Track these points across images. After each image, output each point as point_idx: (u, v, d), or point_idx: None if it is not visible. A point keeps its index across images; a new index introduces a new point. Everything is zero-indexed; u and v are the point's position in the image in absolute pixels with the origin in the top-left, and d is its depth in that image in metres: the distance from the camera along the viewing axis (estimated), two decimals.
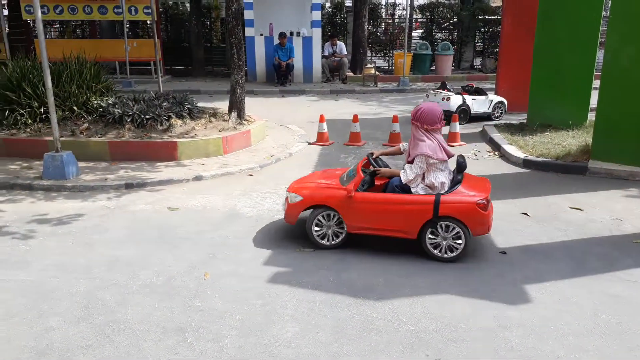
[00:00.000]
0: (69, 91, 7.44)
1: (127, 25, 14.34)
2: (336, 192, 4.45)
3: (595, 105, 6.97)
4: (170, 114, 7.45)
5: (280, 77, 14.27)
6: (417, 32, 19.40)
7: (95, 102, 7.52)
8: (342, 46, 15.59)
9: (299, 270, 4.15)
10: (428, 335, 3.31)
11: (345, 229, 4.46)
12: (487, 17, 17.53)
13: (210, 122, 7.85)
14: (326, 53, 15.37)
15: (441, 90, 9.84)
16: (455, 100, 9.53)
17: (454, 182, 4.37)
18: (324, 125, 8.36)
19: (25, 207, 5.50)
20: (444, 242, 4.27)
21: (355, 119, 8.38)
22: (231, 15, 8.06)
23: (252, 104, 10.27)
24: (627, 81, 6.48)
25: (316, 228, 4.51)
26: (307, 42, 14.77)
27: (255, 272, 4.11)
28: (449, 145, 8.06)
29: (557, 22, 8.32)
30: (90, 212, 5.37)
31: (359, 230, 4.45)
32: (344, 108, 11.61)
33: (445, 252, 4.29)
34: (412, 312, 3.56)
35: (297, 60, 14.64)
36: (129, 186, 6.06)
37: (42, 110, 7.22)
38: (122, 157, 6.95)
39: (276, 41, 14.27)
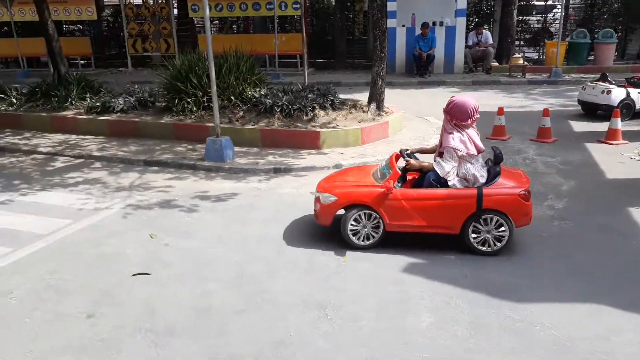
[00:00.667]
0: (227, 82, 8.21)
1: (277, 21, 15.22)
2: (372, 190, 4.34)
3: None
4: (315, 105, 7.84)
5: (419, 68, 14.07)
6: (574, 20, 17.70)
7: (249, 92, 8.20)
8: (487, 35, 14.85)
9: (435, 263, 4.16)
10: (574, 343, 3.13)
11: (383, 228, 4.32)
12: None
13: (350, 113, 8.09)
14: (470, 42, 14.77)
15: (600, 83, 8.93)
16: (617, 94, 8.58)
17: (493, 175, 4.29)
18: None
19: (189, 185, 6.25)
20: (489, 235, 4.20)
21: (501, 111, 8.00)
22: (376, 7, 8.18)
23: (390, 96, 10.29)
24: None
25: (352, 227, 4.36)
26: (450, 31, 14.33)
27: (391, 261, 4.21)
28: (608, 143, 7.35)
29: None
30: (244, 192, 5.93)
31: (398, 228, 4.33)
32: (486, 100, 11.10)
33: (490, 246, 4.21)
34: (557, 318, 3.38)
35: (438, 51, 14.29)
36: (277, 170, 6.55)
37: (205, 99, 8.07)
38: (272, 144, 7.51)
39: (417, 32, 14.08)
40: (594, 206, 5.27)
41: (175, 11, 16.42)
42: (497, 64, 15.15)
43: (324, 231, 4.81)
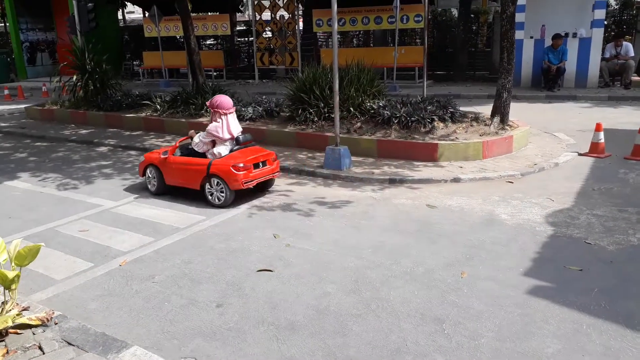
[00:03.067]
0: (348, 94, 8.44)
1: (398, 34, 15.32)
2: (160, 156, 6.35)
3: None
4: (434, 117, 7.76)
5: (548, 82, 13.25)
6: None
7: (368, 104, 8.35)
8: (628, 47, 13.54)
9: (564, 287, 3.90)
10: None
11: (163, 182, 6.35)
12: None
13: (471, 125, 7.88)
14: (607, 55, 13.58)
15: None
16: None
17: (229, 151, 6.04)
18: (601, 134, 7.48)
19: (308, 190, 6.52)
20: (215, 193, 5.93)
21: None
22: (505, 19, 7.89)
23: (515, 109, 9.80)
24: None
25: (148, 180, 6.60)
26: (584, 43, 13.31)
27: (514, 281, 4.03)
28: None
29: None
30: (359, 200, 6.05)
31: (173, 183, 6.28)
32: (625, 117, 10.13)
33: (215, 200, 5.94)
34: None
35: (570, 64, 13.34)
36: (392, 181, 6.58)
37: (325, 110, 8.37)
38: (387, 155, 7.57)
39: (547, 43, 13.28)
40: None
41: (301, 25, 17.23)
42: (638, 78, 13.76)
43: (441, 245, 4.74)
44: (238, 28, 21.86)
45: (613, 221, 5.11)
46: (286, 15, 16.73)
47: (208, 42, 22.16)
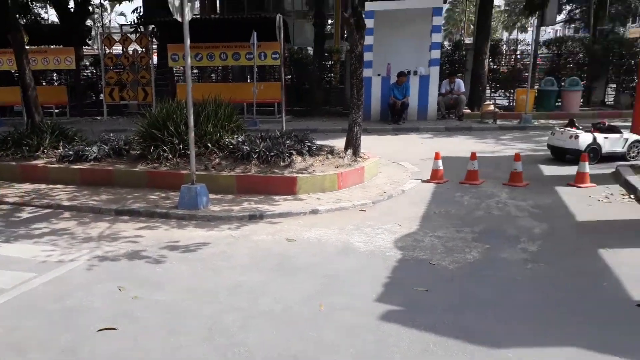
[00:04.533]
0: (205, 130, 8.25)
1: (256, 70, 15.57)
2: None
3: None
4: (292, 151, 7.91)
5: (394, 116, 14.43)
6: (541, 69, 18.51)
7: (227, 139, 8.25)
8: (460, 83, 15.39)
9: (413, 309, 4.11)
10: None
11: None
12: (622, 50, 16.22)
13: (327, 158, 8.18)
14: (443, 90, 15.26)
15: (568, 128, 9.25)
16: (585, 139, 8.89)
17: None
18: (439, 162, 8.26)
19: (161, 234, 6.13)
20: None
21: (474, 156, 8.18)
22: (354, 57, 8.44)
23: (366, 142, 10.46)
24: None
25: None
26: (424, 80, 14.82)
27: (368, 308, 4.16)
28: (577, 186, 7.53)
29: None
30: (217, 240, 5.84)
31: None
32: (459, 145, 11.37)
33: None
34: None
35: (413, 99, 14.72)
36: (252, 217, 6.50)
37: (181, 146, 8.07)
38: (247, 190, 7.49)
39: (393, 80, 14.52)
40: (566, 248, 5.33)
41: (155, 59, 16.66)
42: (469, 110, 15.64)
43: (300, 279, 4.74)
44: (85, 62, 20.45)
45: (452, 241, 5.59)
46: (139, 49, 16.08)
47: (50, 76, 20.34)
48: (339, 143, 9.14)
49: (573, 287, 4.45)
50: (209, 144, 8.14)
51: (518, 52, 18.60)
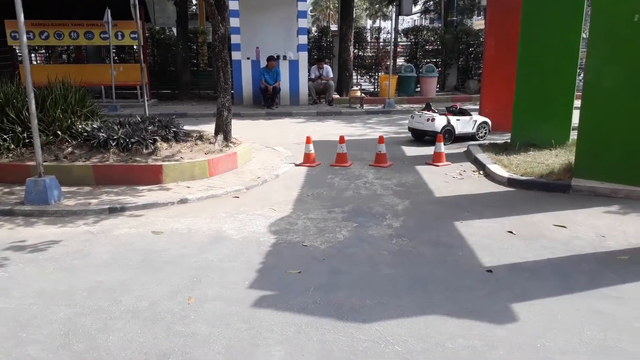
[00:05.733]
0: (53, 116, 7.39)
1: (114, 50, 14.37)
2: None
3: (577, 125, 7.09)
4: (156, 137, 7.43)
5: (266, 100, 14.36)
6: (402, 55, 19.73)
7: (80, 126, 7.48)
8: (328, 69, 15.78)
9: (286, 292, 4.10)
10: (415, 356, 3.27)
11: None
12: (470, 40, 17.90)
13: (196, 144, 7.84)
14: (312, 76, 15.53)
15: (426, 112, 9.96)
16: (440, 121, 9.64)
17: None
18: (311, 146, 8.39)
19: (4, 233, 5.38)
20: None
21: (342, 140, 8.43)
22: (217, 39, 8.13)
23: (239, 127, 10.29)
24: (607, 100, 6.61)
25: None
26: (294, 65, 14.92)
27: (240, 296, 4.05)
28: (435, 165, 8.17)
29: (538, 45, 8.52)
30: (73, 237, 5.28)
31: None
32: (330, 129, 11.68)
33: None
34: (399, 333, 3.52)
35: (284, 83, 14.76)
36: (113, 210, 5.99)
37: (25, 135, 7.15)
38: (107, 181, 6.89)
39: (263, 64, 14.39)
40: (426, 222, 5.73)
41: None
42: (338, 96, 16.14)
43: (167, 273, 4.47)
44: None
45: (324, 222, 5.70)
46: None
47: None
48: (211, 128, 8.82)
49: (433, 258, 4.79)
50: (59, 132, 7.32)
51: (381, 40, 19.59)
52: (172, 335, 3.52)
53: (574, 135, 7.93)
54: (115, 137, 7.22)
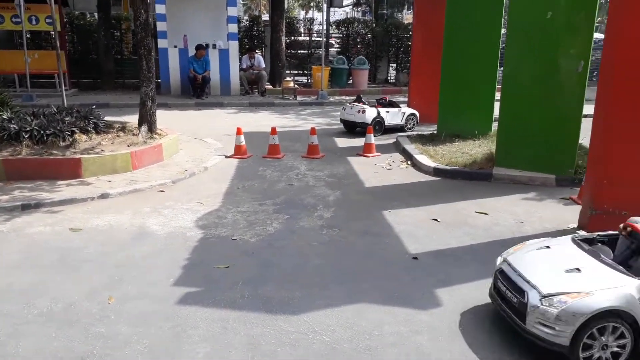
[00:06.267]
0: None
1: (28, 36, 13.34)
2: None
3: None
4: (74, 129, 6.98)
5: (196, 90, 13.93)
6: (334, 48, 19.84)
7: None
8: (260, 59, 15.54)
9: (213, 288, 4.00)
10: (342, 345, 3.30)
11: None
12: (399, 33, 18.28)
13: (118, 136, 7.45)
14: (244, 66, 15.24)
15: (357, 103, 10.07)
16: (370, 113, 9.78)
17: None
18: (242, 137, 8.23)
19: None
20: None
21: (274, 131, 8.34)
22: (140, 26, 7.75)
23: (166, 118, 9.91)
24: (524, 93, 6.97)
25: None
26: (224, 54, 14.56)
27: (164, 293, 3.90)
28: (365, 156, 8.29)
29: (461, 39, 8.84)
30: None
31: None
32: (262, 121, 11.53)
33: None
34: (327, 323, 3.54)
35: (214, 73, 14.37)
36: (26, 207, 5.57)
37: None
38: (19, 177, 6.39)
39: (191, 53, 13.93)
40: (356, 213, 5.80)
41: None
42: (271, 86, 15.96)
43: (86, 272, 4.23)
44: None
45: (255, 215, 5.62)
46: None
47: None
48: (135, 119, 8.41)
49: (362, 247, 4.86)
50: None
51: (314, 32, 19.57)
52: (90, 337, 3.33)
53: (495, 126, 8.31)
54: (28, 128, 6.71)
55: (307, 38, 18.92)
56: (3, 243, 4.76)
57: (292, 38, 18.05)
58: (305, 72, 18.48)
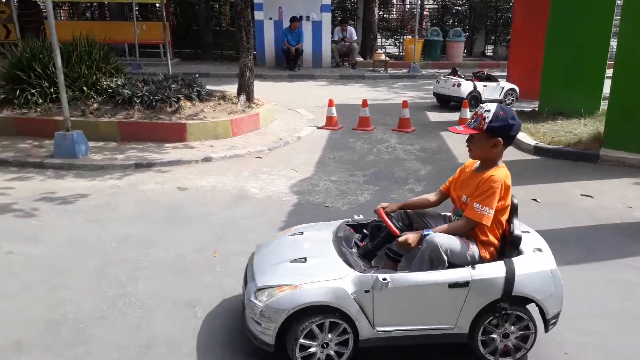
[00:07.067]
0: (78, 72, 7.44)
1: (136, 8, 14.26)
2: None
3: (608, 94, 6.89)
4: (179, 95, 7.45)
5: (289, 62, 14.20)
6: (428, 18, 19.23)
7: (104, 83, 7.53)
8: (352, 31, 15.46)
9: None
10: None
11: None
12: (499, 4, 17.31)
13: (219, 104, 7.85)
14: (336, 38, 15.26)
15: (452, 77, 9.77)
16: (466, 87, 9.45)
17: None
18: (333, 109, 8.33)
19: (35, 185, 5.54)
20: None
21: (365, 103, 8.35)
22: None
23: (261, 88, 10.24)
24: None
25: None
26: (317, 26, 14.66)
27: None
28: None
29: (570, 11, 8.21)
30: (101, 190, 5.41)
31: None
32: (353, 93, 11.56)
33: None
34: None
35: (307, 45, 14.56)
36: (139, 166, 6.09)
37: (52, 90, 7.23)
38: (132, 138, 6.98)
39: (285, 25, 14.17)
40: None
41: None
42: (361, 59, 15.87)
43: (193, 228, 4.57)
44: None
45: (346, 184, 5.72)
46: None
47: None
48: (232, 89, 8.80)
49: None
50: (85, 88, 7.38)
51: (407, 2, 19.07)
52: (198, 286, 3.62)
53: (604, 105, 7.71)
54: (139, 94, 7.26)
55: (401, 9, 18.49)
56: (120, 196, 5.25)
57: (385, 10, 17.72)
58: (397, 44, 18.14)
